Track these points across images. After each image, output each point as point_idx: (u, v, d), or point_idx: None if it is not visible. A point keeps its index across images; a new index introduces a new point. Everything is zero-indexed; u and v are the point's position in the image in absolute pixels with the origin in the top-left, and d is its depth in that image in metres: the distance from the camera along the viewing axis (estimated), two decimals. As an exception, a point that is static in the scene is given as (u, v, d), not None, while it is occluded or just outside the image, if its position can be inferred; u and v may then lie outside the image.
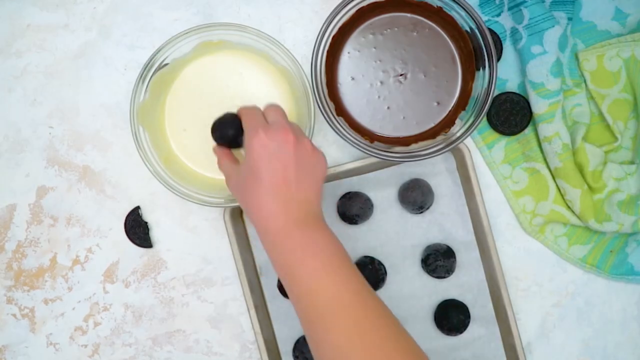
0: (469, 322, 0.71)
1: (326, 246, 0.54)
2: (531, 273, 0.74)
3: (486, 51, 0.64)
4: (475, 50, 0.66)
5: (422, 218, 0.73)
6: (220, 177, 0.69)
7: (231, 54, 0.68)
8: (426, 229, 0.73)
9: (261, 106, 0.67)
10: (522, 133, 0.73)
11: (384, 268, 0.71)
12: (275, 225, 0.53)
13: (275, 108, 0.58)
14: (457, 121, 0.67)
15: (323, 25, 0.65)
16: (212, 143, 0.68)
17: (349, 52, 0.68)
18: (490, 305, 0.72)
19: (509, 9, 0.71)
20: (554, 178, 0.72)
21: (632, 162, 0.72)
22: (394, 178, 0.72)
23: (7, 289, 0.74)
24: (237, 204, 0.65)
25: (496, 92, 0.71)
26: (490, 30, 0.71)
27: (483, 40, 0.64)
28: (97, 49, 0.74)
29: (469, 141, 0.73)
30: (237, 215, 0.72)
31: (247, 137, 0.55)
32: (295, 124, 0.58)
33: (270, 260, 0.55)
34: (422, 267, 0.72)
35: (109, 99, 0.74)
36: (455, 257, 0.71)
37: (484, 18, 0.72)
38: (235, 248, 0.70)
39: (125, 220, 0.73)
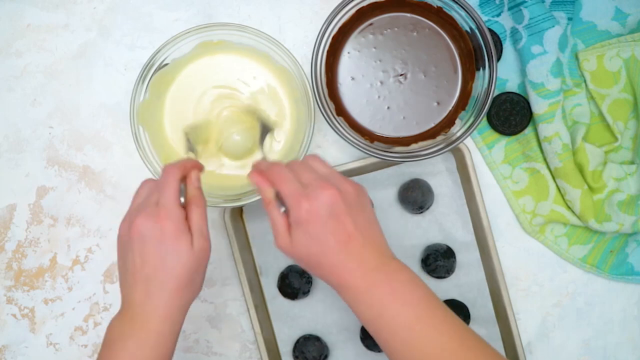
0: (469, 322, 0.71)
1: (413, 289, 0.52)
2: (531, 273, 0.74)
3: (486, 51, 0.64)
4: (475, 50, 0.66)
5: (422, 218, 0.73)
6: (220, 176, 0.69)
7: (231, 54, 0.67)
8: (426, 229, 0.73)
9: (263, 103, 0.67)
10: (522, 133, 0.73)
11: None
12: (355, 281, 0.52)
13: (301, 165, 0.54)
14: (457, 121, 0.67)
15: (323, 25, 0.65)
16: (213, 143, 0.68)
17: (349, 52, 0.68)
18: (490, 305, 0.72)
19: (509, 9, 0.71)
20: (554, 178, 0.72)
21: (632, 162, 0.72)
22: (394, 178, 0.72)
23: (7, 289, 0.74)
24: (237, 203, 0.65)
25: (496, 92, 0.71)
26: (490, 30, 0.71)
27: (483, 40, 0.64)
28: (97, 49, 0.74)
29: (469, 141, 0.73)
30: (237, 215, 0.72)
31: (292, 209, 0.51)
32: (324, 164, 0.55)
33: (357, 315, 0.53)
34: (422, 267, 0.72)
35: (109, 99, 0.74)
36: (455, 257, 0.71)
37: (484, 18, 0.72)
38: (235, 248, 0.70)
39: (125, 220, 0.73)
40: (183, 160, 0.57)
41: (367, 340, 0.71)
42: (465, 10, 0.64)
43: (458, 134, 0.65)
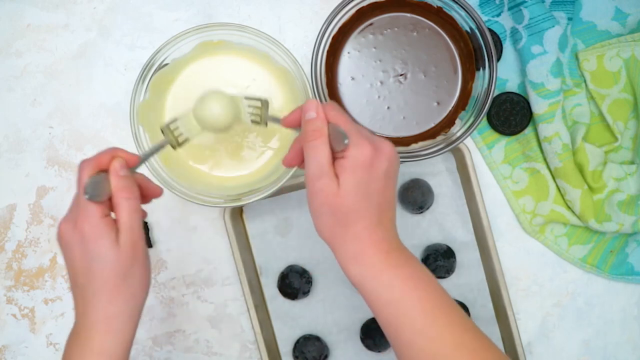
0: (469, 322, 0.71)
1: (431, 278, 0.50)
2: (531, 273, 0.74)
3: (486, 51, 0.64)
4: (475, 50, 0.66)
5: (422, 218, 0.73)
6: (220, 176, 0.69)
7: (231, 54, 0.67)
8: (426, 229, 0.73)
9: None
10: (522, 133, 0.73)
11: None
12: (378, 255, 0.48)
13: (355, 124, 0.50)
14: (457, 121, 0.67)
15: (323, 25, 0.65)
16: (211, 143, 0.68)
17: (349, 52, 0.68)
18: (490, 305, 0.72)
19: (509, 9, 0.71)
20: (554, 178, 0.72)
21: (632, 162, 0.72)
22: (394, 178, 0.72)
23: (7, 289, 0.74)
24: (237, 203, 0.65)
25: (496, 92, 0.71)
26: (490, 30, 0.71)
27: (483, 40, 0.64)
28: (97, 49, 0.74)
29: (469, 141, 0.73)
30: (237, 215, 0.72)
31: (355, 149, 0.47)
32: None
33: (367, 296, 0.49)
34: (422, 267, 0.72)
35: (109, 99, 0.74)
36: (455, 257, 0.71)
37: (484, 18, 0.72)
38: (235, 248, 0.70)
39: (125, 220, 0.73)
40: (99, 153, 0.50)
41: (367, 340, 0.71)
42: (465, 10, 0.64)
43: (458, 134, 0.65)
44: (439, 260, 0.70)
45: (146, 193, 0.53)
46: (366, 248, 0.48)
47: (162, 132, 0.57)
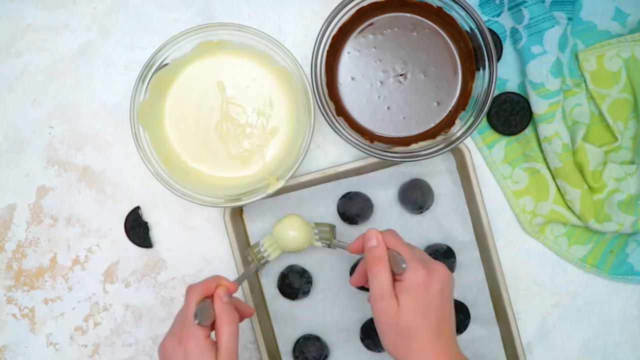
0: (469, 322, 0.71)
1: None
2: (531, 273, 0.74)
3: (486, 51, 0.64)
4: (475, 50, 0.66)
5: (422, 218, 0.73)
6: (220, 176, 0.69)
7: (231, 54, 0.68)
8: (426, 229, 0.73)
9: (264, 102, 0.67)
10: (522, 133, 0.73)
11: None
12: None
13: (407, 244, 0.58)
14: (457, 121, 0.67)
15: (323, 25, 0.65)
16: (212, 143, 0.69)
17: (349, 52, 0.68)
18: (490, 305, 0.72)
19: (509, 9, 0.71)
20: (554, 178, 0.72)
21: (632, 162, 0.72)
22: (394, 178, 0.72)
23: (7, 289, 0.74)
24: (237, 203, 0.65)
25: (496, 92, 0.71)
26: (490, 30, 0.71)
27: (483, 40, 0.64)
28: (97, 49, 0.74)
29: (469, 141, 0.73)
30: (237, 215, 0.72)
31: (410, 273, 0.54)
32: None
33: None
34: (422, 267, 0.72)
35: (109, 99, 0.74)
36: (455, 257, 0.71)
37: (484, 18, 0.72)
38: (235, 248, 0.70)
39: (125, 221, 0.73)
40: (206, 280, 0.58)
41: (367, 340, 0.71)
42: (465, 10, 0.64)
43: (458, 134, 0.65)
44: (439, 260, 0.70)
45: (240, 313, 0.60)
46: (428, 359, 0.53)
47: (247, 255, 0.68)
